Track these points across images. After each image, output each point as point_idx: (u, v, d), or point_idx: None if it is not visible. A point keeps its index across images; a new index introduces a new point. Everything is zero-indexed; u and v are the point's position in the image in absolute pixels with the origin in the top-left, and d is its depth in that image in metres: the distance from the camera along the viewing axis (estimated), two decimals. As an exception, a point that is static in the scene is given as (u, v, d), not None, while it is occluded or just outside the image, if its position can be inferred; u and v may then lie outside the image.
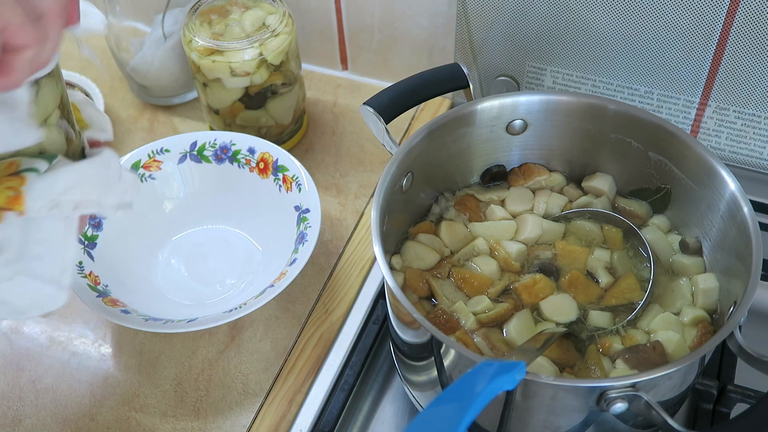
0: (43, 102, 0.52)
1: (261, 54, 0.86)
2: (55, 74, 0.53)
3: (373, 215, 0.65)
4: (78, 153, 0.57)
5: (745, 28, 0.79)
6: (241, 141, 0.85)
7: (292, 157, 0.83)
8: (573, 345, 0.66)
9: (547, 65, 0.91)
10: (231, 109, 0.90)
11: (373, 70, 1.05)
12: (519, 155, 0.79)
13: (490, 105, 0.74)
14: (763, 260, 0.62)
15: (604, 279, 0.71)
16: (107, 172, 0.54)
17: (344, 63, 1.06)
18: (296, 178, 0.82)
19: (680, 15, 0.80)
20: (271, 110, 0.91)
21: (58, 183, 0.51)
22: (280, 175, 0.83)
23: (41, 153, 0.52)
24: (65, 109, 0.56)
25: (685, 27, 0.81)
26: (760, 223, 0.64)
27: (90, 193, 0.53)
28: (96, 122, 0.62)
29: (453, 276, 0.71)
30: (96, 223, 0.80)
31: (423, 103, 0.89)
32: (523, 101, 0.74)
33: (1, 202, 0.49)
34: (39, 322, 0.81)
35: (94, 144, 0.59)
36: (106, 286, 0.77)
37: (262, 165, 0.85)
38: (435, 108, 1.00)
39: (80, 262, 0.77)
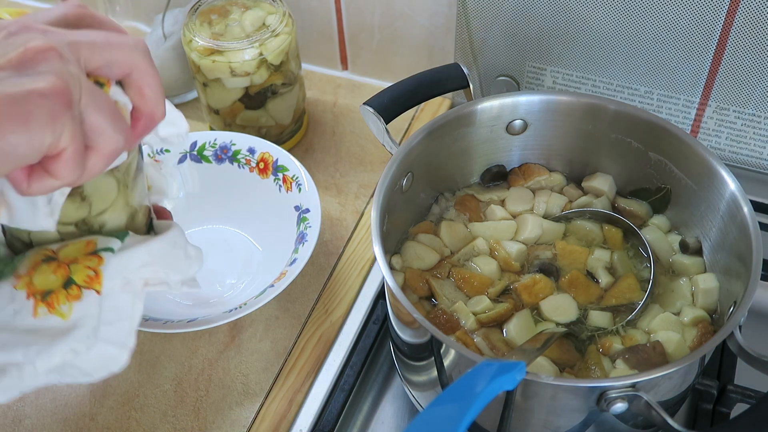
0: (99, 195, 0.53)
1: (261, 54, 0.86)
2: (122, 170, 0.54)
3: (373, 215, 0.65)
4: (146, 225, 0.58)
5: (745, 28, 0.79)
6: (241, 141, 0.85)
7: (292, 157, 0.83)
8: (573, 345, 0.66)
9: (547, 65, 0.91)
10: (231, 109, 0.90)
11: (373, 70, 1.05)
12: (519, 155, 0.79)
13: (490, 105, 0.74)
14: (763, 260, 0.62)
15: (604, 279, 0.71)
16: (175, 250, 0.57)
17: (344, 63, 1.06)
18: (296, 178, 0.82)
19: (680, 15, 0.80)
20: (271, 110, 0.91)
21: (131, 263, 0.53)
22: (280, 175, 0.83)
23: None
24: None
25: (685, 27, 0.81)
26: (760, 223, 0.64)
27: (159, 271, 0.55)
28: (157, 184, 0.64)
29: (453, 276, 0.71)
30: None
31: (423, 103, 0.89)
32: (523, 101, 0.74)
33: (80, 281, 0.51)
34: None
35: (159, 212, 0.61)
36: (106, 286, 0.77)
37: (262, 165, 0.85)
38: (435, 108, 1.00)
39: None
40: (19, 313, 0.51)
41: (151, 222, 0.60)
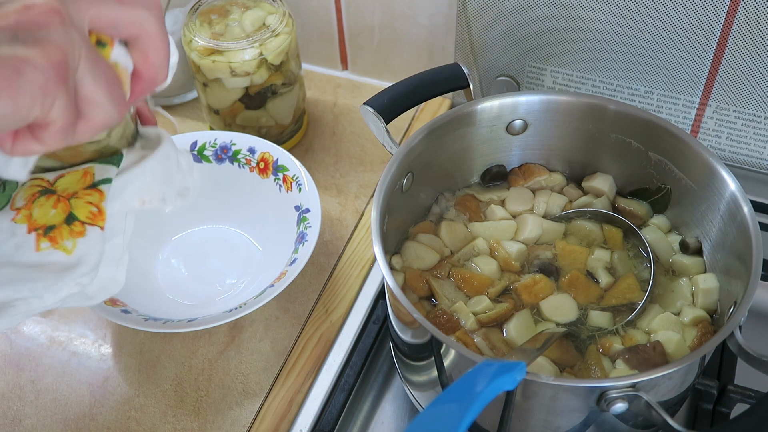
0: None
1: (261, 54, 0.86)
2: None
3: (373, 215, 0.65)
4: (133, 133, 0.56)
5: (745, 28, 0.79)
6: (241, 141, 0.85)
7: (292, 157, 0.83)
8: (573, 345, 0.66)
9: (547, 65, 0.91)
10: (231, 109, 0.90)
11: (373, 70, 1.05)
12: (519, 155, 0.79)
13: (490, 105, 0.74)
14: (763, 260, 0.62)
15: (604, 279, 0.71)
16: (168, 165, 0.55)
17: (344, 63, 1.06)
18: (296, 178, 0.82)
19: (680, 15, 0.80)
20: (271, 110, 0.91)
21: (128, 187, 0.52)
22: (280, 175, 0.83)
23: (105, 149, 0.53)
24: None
25: (685, 27, 0.81)
26: (760, 223, 0.64)
27: (155, 190, 0.54)
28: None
29: (453, 276, 0.71)
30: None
31: (423, 103, 0.89)
32: (523, 101, 0.74)
33: (82, 217, 0.50)
34: (39, 322, 0.81)
35: (141, 114, 0.58)
36: (106, 286, 0.77)
37: (262, 165, 0.85)
38: (435, 108, 1.00)
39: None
40: (21, 247, 0.50)
41: (136, 128, 0.57)
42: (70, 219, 0.50)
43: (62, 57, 0.40)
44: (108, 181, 0.51)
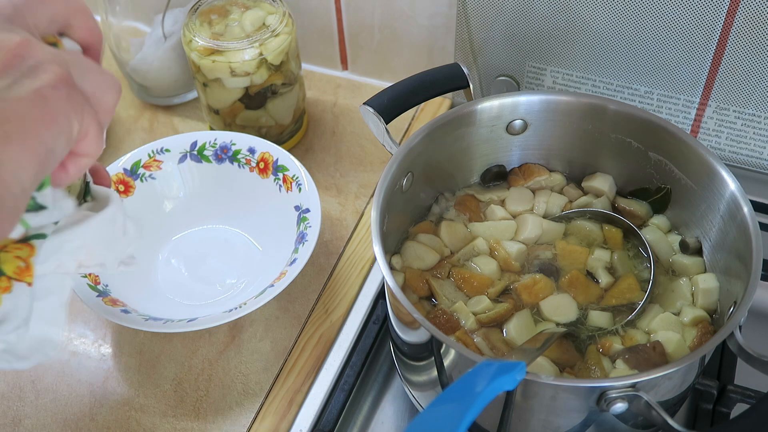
0: None
1: (261, 54, 0.86)
2: None
3: (373, 215, 0.65)
4: (81, 188, 0.55)
5: (745, 28, 0.79)
6: (241, 141, 0.85)
7: (292, 157, 0.83)
8: (573, 345, 0.66)
9: (547, 65, 0.91)
10: (231, 109, 0.90)
11: (373, 70, 1.05)
12: (519, 155, 0.79)
13: (490, 105, 0.74)
14: (763, 260, 0.62)
15: (604, 279, 0.71)
16: (113, 229, 0.53)
17: (344, 63, 1.06)
18: (296, 178, 0.82)
19: (680, 15, 0.80)
20: (271, 110, 0.91)
21: (64, 246, 0.50)
22: (280, 175, 0.83)
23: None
24: None
25: (685, 27, 0.81)
26: (760, 223, 0.64)
27: (95, 253, 0.52)
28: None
29: (453, 276, 0.71)
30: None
31: (423, 103, 0.89)
32: (523, 101, 0.74)
33: (9, 272, 0.48)
34: (39, 322, 0.81)
35: (96, 173, 0.57)
36: (106, 285, 0.77)
37: (262, 165, 0.85)
38: (435, 108, 1.00)
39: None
40: None
41: (87, 185, 0.56)
42: None
43: (62, 70, 0.42)
44: (42, 236, 0.49)
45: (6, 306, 0.48)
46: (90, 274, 0.76)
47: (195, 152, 0.86)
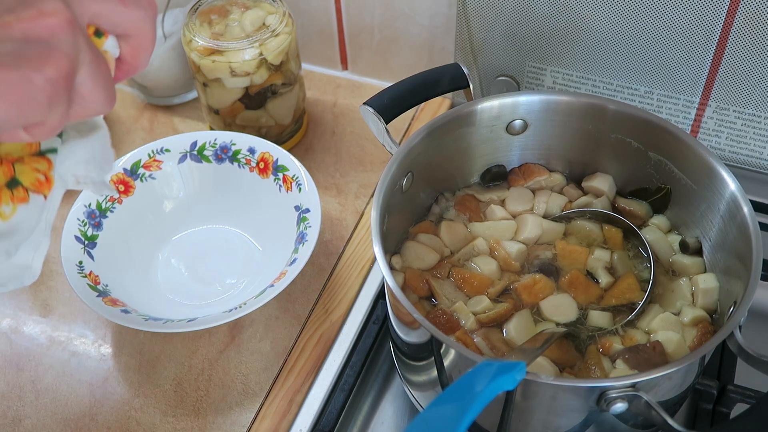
0: None
1: (261, 54, 0.86)
2: None
3: (373, 215, 0.65)
4: None
5: (745, 28, 0.79)
6: (241, 141, 0.85)
7: (292, 157, 0.83)
8: (573, 345, 0.66)
9: (547, 65, 0.91)
10: (231, 109, 0.90)
11: (373, 70, 1.05)
12: (519, 155, 0.79)
13: (490, 105, 0.74)
14: (763, 260, 0.62)
15: (604, 279, 0.71)
16: (104, 149, 0.54)
17: (344, 63, 1.06)
18: (296, 178, 0.82)
19: (680, 15, 0.80)
20: (271, 110, 0.91)
21: (68, 159, 0.51)
22: (280, 175, 0.83)
23: None
24: None
25: (685, 27, 0.81)
26: (760, 223, 0.64)
27: (91, 169, 0.53)
28: None
29: (453, 276, 0.71)
30: (96, 223, 0.80)
31: (423, 103, 0.89)
32: (523, 101, 0.74)
33: (27, 183, 0.48)
34: (39, 322, 0.81)
35: None
36: (106, 285, 0.77)
37: (262, 165, 0.85)
38: (435, 108, 1.00)
39: (80, 262, 0.77)
40: None
41: None
42: (13, 183, 0.48)
43: (70, 67, 0.42)
44: (54, 150, 0.50)
45: (20, 216, 0.48)
46: (90, 274, 0.76)
47: (195, 152, 0.86)
